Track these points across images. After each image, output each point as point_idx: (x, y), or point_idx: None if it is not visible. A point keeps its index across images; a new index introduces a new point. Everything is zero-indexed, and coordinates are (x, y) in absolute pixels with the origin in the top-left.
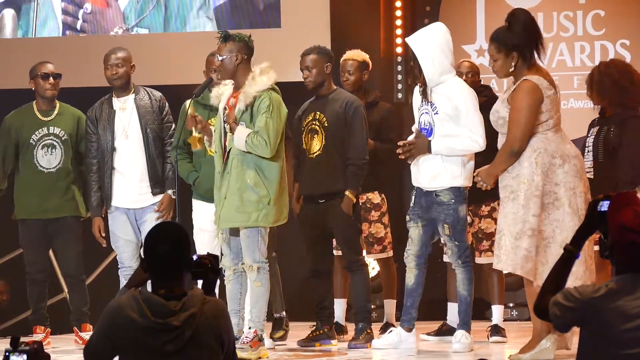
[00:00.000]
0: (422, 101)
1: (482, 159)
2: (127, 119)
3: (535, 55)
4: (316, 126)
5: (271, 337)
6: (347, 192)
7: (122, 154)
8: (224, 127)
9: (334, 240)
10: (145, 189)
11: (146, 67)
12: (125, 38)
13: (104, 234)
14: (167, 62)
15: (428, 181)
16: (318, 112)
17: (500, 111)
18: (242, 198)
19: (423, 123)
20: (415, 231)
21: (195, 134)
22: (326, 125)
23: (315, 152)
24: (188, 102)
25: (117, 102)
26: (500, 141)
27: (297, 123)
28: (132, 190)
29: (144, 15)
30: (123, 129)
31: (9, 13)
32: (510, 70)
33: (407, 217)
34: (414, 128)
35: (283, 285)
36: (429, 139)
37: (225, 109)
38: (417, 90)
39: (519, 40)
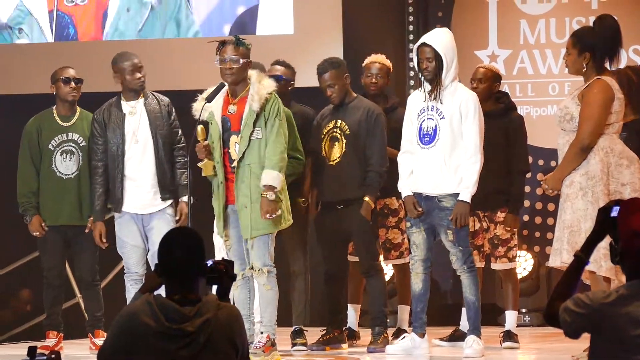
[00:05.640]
0: (425, 106)
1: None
2: (136, 123)
3: (607, 62)
4: (337, 134)
5: (293, 342)
6: (366, 198)
7: (132, 159)
8: (223, 136)
9: (349, 246)
10: (155, 194)
11: (152, 73)
12: (131, 43)
13: (104, 240)
14: (172, 68)
15: (431, 187)
16: (339, 120)
17: (569, 107)
18: None
19: (425, 129)
20: (418, 236)
21: (207, 160)
22: (348, 133)
23: (335, 159)
24: (200, 128)
25: (126, 106)
26: (562, 138)
27: (316, 129)
28: (141, 196)
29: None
30: (133, 133)
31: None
32: (583, 69)
33: (408, 224)
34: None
35: None
36: (459, 199)
37: (226, 119)
38: (415, 96)
39: (596, 42)
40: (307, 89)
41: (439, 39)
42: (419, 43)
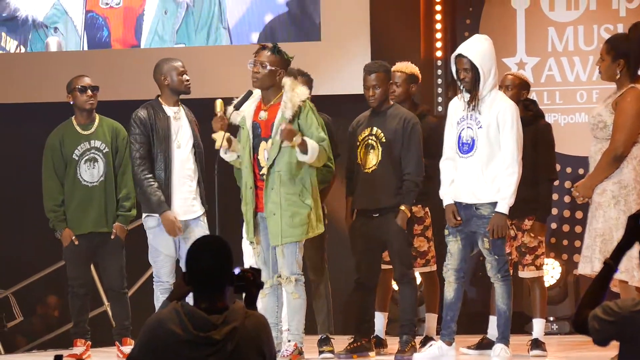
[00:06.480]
0: (464, 115)
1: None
2: (179, 129)
3: None
4: (373, 141)
5: (320, 350)
6: (402, 207)
7: (175, 164)
8: (253, 142)
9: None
10: (193, 200)
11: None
12: (158, 51)
13: (180, 224)
14: (204, 75)
15: (468, 196)
16: (376, 128)
17: (603, 115)
18: (294, 213)
19: (464, 137)
20: (454, 245)
21: (220, 132)
22: (384, 140)
23: (371, 167)
24: (218, 101)
25: (169, 110)
26: (595, 146)
27: (351, 137)
28: (181, 202)
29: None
30: (177, 137)
31: (53, 41)
32: (616, 77)
33: (446, 232)
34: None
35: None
36: (496, 211)
37: (257, 125)
38: (456, 103)
39: (630, 50)
40: (335, 96)
41: (475, 49)
42: (456, 53)
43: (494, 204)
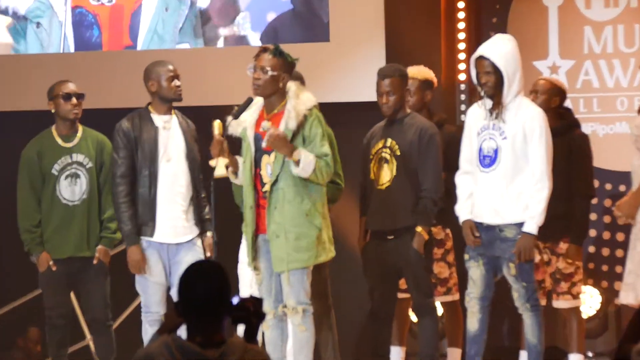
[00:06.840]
0: (486, 124)
1: None
2: (170, 140)
3: None
4: (387, 154)
5: None
6: (418, 229)
7: (164, 179)
8: (255, 156)
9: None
10: (186, 221)
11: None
12: (154, 53)
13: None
14: (201, 80)
15: (490, 215)
16: (390, 139)
17: None
18: (300, 235)
19: (486, 150)
20: (476, 271)
21: (220, 158)
22: (398, 154)
23: (385, 183)
24: (217, 122)
25: (158, 120)
26: (638, 160)
27: (365, 150)
28: (172, 222)
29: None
30: (165, 150)
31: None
32: None
33: (466, 256)
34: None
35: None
36: (524, 231)
37: (259, 137)
38: (475, 111)
39: None
40: (345, 104)
41: (498, 50)
42: (476, 54)
43: (520, 225)
